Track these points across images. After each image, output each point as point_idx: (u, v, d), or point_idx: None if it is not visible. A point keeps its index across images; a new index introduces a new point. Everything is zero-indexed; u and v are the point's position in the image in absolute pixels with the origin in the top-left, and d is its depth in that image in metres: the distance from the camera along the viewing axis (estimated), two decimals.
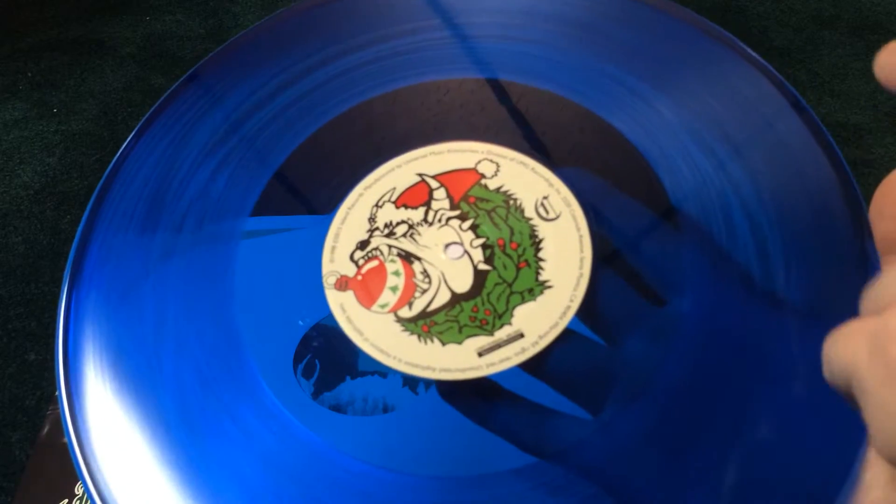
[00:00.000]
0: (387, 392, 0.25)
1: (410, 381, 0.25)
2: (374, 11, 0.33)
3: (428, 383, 0.25)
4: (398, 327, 0.25)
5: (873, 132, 0.59)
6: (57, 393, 0.25)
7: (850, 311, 0.23)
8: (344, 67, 0.32)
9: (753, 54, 0.30)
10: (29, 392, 0.49)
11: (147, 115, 0.31)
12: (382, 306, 0.26)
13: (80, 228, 0.28)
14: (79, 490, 0.43)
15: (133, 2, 0.79)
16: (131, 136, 0.30)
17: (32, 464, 0.45)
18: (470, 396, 0.24)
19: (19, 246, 0.57)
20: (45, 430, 0.46)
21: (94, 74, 0.71)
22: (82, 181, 0.61)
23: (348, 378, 0.25)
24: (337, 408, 0.24)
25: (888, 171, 0.20)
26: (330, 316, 0.26)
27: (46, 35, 0.75)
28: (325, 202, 0.28)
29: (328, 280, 0.27)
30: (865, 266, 0.24)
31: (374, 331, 0.25)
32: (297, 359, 0.25)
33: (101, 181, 0.29)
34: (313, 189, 0.29)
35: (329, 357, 0.25)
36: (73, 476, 0.44)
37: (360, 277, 0.27)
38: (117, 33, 0.76)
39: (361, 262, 0.27)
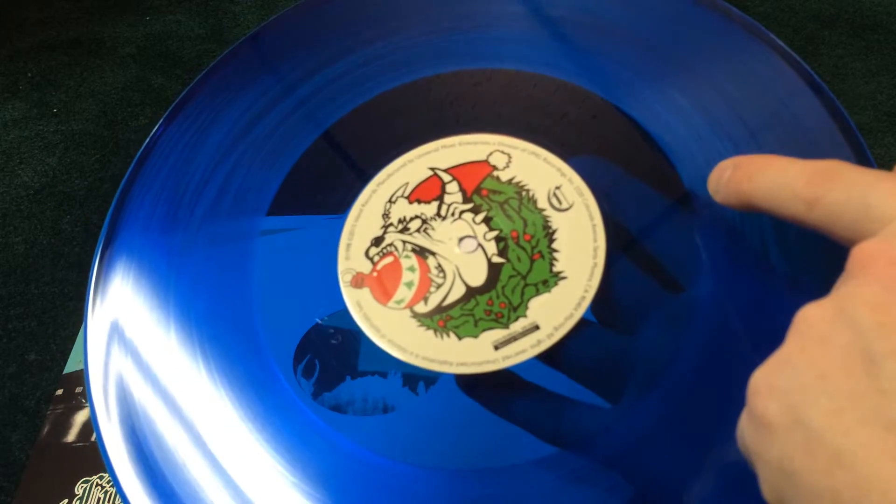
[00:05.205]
0: (387, 392, 0.24)
1: (410, 381, 0.25)
2: (381, 7, 0.33)
3: (428, 382, 0.25)
4: (414, 323, 0.25)
5: (873, 132, 0.59)
6: (86, 388, 0.25)
7: None
8: (353, 64, 0.32)
9: (768, 33, 0.29)
10: (29, 392, 0.49)
11: (166, 113, 0.31)
12: (398, 302, 0.26)
13: (104, 228, 0.28)
14: (79, 490, 0.43)
15: (133, 2, 0.79)
16: (147, 139, 0.31)
17: (32, 464, 0.45)
18: (489, 388, 0.24)
19: (19, 246, 0.57)
20: (45, 430, 0.46)
21: (94, 74, 0.71)
22: (82, 181, 0.61)
23: (348, 378, 0.25)
24: (337, 408, 0.24)
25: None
26: (345, 310, 0.26)
27: (46, 35, 0.75)
28: (339, 199, 0.28)
29: (344, 277, 0.27)
30: None
31: (391, 327, 0.25)
32: (297, 359, 0.25)
33: (122, 183, 0.30)
34: (328, 187, 0.29)
35: (329, 357, 0.25)
36: (73, 476, 0.44)
37: (375, 274, 0.27)
38: (117, 33, 0.75)
39: (376, 258, 0.27)
